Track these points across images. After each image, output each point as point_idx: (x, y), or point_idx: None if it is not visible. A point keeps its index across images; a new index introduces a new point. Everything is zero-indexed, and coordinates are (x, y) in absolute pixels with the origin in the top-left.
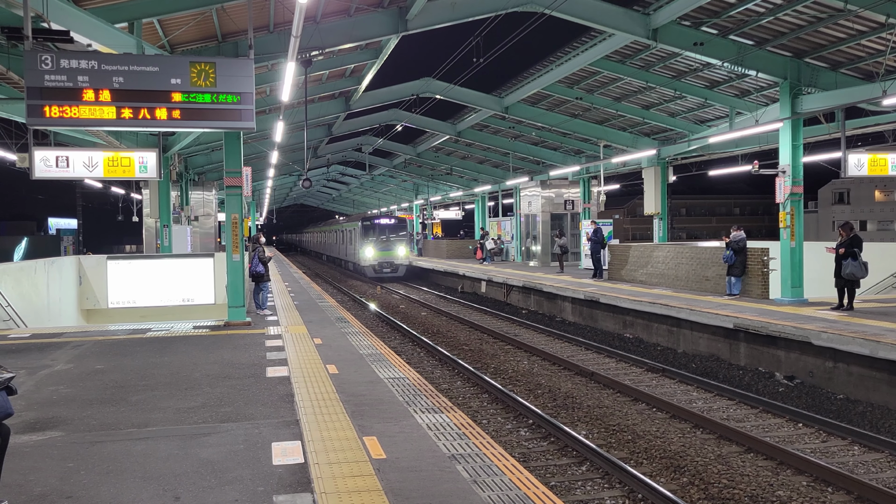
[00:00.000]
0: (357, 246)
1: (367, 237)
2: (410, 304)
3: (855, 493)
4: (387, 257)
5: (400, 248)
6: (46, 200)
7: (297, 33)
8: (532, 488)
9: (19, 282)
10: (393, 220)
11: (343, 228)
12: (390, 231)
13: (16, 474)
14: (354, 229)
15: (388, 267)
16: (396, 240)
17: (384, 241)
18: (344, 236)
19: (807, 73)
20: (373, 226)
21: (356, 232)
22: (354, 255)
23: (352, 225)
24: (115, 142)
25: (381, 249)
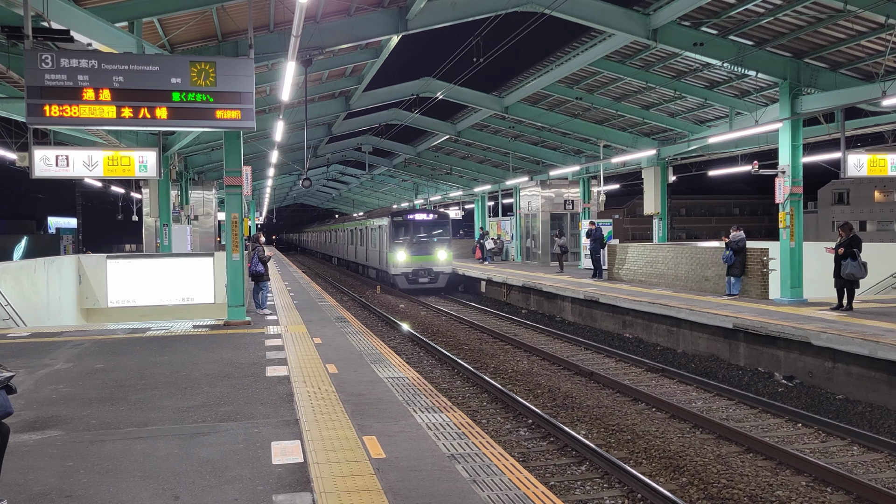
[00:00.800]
0: (384, 248)
1: (399, 237)
2: (410, 303)
3: (854, 494)
4: (424, 263)
5: (441, 252)
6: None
7: (298, 33)
8: (531, 488)
9: (19, 281)
10: (432, 215)
11: (363, 226)
12: (428, 229)
13: (15, 473)
14: (381, 227)
15: (425, 275)
16: (436, 240)
17: (421, 243)
18: (364, 236)
19: (806, 74)
20: (406, 222)
21: (383, 230)
22: (380, 259)
23: (377, 222)
24: (114, 141)
25: (416, 253)
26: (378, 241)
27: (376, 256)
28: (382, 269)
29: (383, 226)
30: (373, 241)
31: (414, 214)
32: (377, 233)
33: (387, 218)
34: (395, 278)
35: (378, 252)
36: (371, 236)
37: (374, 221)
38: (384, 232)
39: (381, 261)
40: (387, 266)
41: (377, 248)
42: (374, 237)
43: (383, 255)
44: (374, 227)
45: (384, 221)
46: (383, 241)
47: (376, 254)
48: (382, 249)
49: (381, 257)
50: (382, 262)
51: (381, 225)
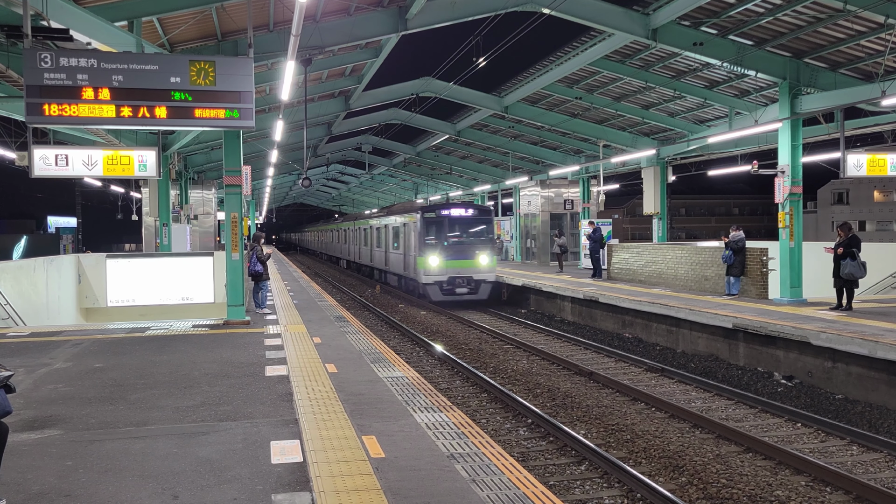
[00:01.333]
0: (412, 250)
1: (431, 237)
2: (409, 304)
3: (854, 494)
4: (462, 269)
5: (483, 255)
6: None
7: (297, 32)
8: (531, 487)
9: (18, 280)
10: (471, 209)
11: (381, 225)
12: (468, 227)
13: (14, 472)
14: (407, 226)
15: (463, 284)
16: (478, 240)
17: (459, 244)
18: (383, 236)
19: (806, 74)
20: (440, 219)
21: (411, 229)
22: (405, 264)
23: (401, 219)
24: (114, 140)
25: (453, 256)
26: (403, 243)
27: (400, 261)
28: (409, 277)
29: (410, 224)
30: (395, 241)
31: (450, 209)
32: (402, 232)
33: (415, 214)
34: (425, 288)
35: (403, 256)
36: (393, 236)
37: (396, 219)
38: (411, 231)
39: (406, 266)
40: (415, 273)
41: (401, 250)
42: (396, 237)
43: (410, 259)
44: (398, 226)
45: (412, 218)
46: (410, 241)
47: (400, 258)
48: (409, 252)
49: (406, 262)
50: (409, 268)
51: (408, 223)
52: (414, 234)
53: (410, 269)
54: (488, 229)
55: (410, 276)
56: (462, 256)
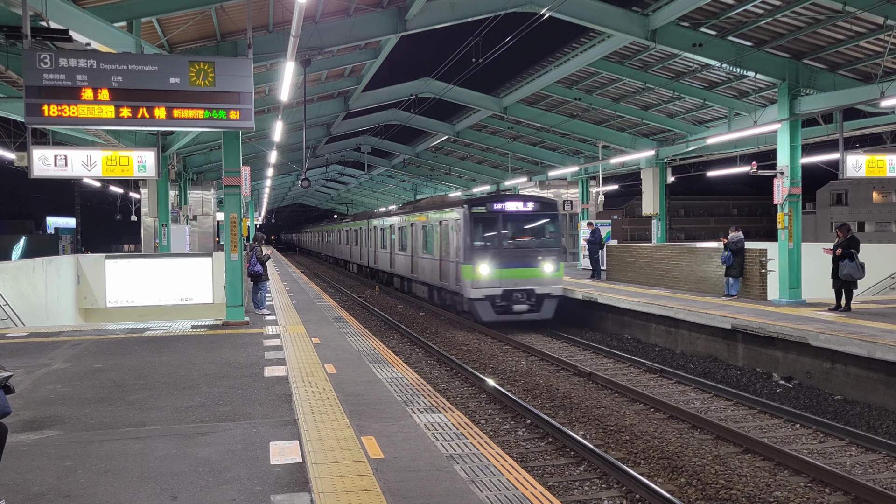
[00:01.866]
0: (454, 256)
1: (481, 239)
2: (408, 304)
3: (852, 494)
4: (521, 280)
5: (547, 263)
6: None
7: (296, 33)
8: (530, 488)
9: (17, 281)
10: (532, 203)
11: (406, 224)
12: (528, 225)
13: (13, 473)
14: (447, 225)
15: (522, 299)
16: (541, 243)
17: (518, 248)
18: (410, 238)
19: (805, 75)
20: (493, 216)
21: (452, 230)
22: (444, 272)
23: (437, 216)
24: (113, 141)
25: (509, 264)
26: (439, 245)
27: (432, 268)
28: (447, 289)
29: (451, 222)
30: (427, 244)
31: (504, 203)
32: (436, 232)
33: (458, 210)
34: (472, 304)
35: (438, 262)
36: (423, 238)
37: (428, 216)
38: (452, 231)
39: (444, 275)
40: (457, 284)
41: (436, 254)
42: (428, 239)
43: (449, 266)
44: (431, 225)
45: (453, 215)
46: (450, 244)
47: (432, 265)
48: (448, 258)
49: (444, 270)
50: (447, 278)
51: (446, 221)
52: (456, 234)
53: (450, 278)
54: (554, 228)
55: (450, 287)
56: (521, 264)
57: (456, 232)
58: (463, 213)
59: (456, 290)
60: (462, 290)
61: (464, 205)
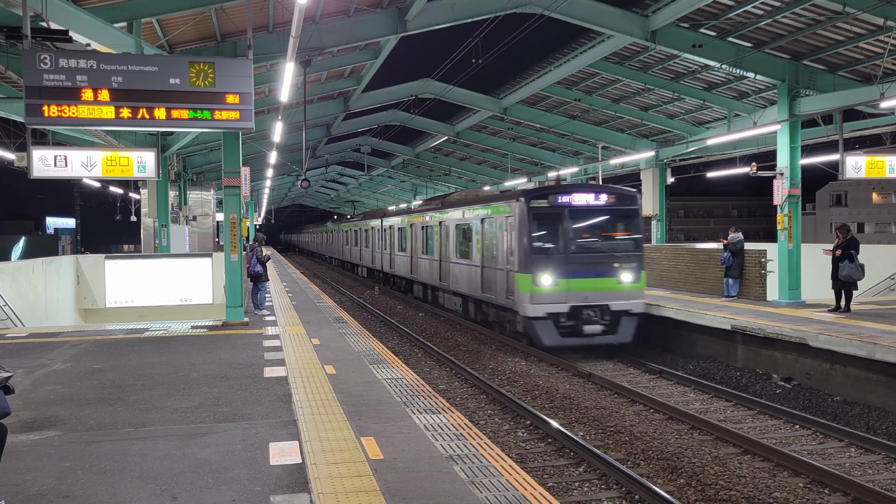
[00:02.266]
0: (506, 262)
1: (542, 240)
2: (408, 305)
3: (852, 495)
4: (595, 294)
5: (627, 272)
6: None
7: (296, 34)
8: (529, 489)
9: (17, 281)
10: (606, 195)
11: (435, 223)
12: (603, 224)
13: (13, 474)
14: (495, 222)
15: (595, 317)
16: (619, 248)
17: (589, 252)
18: (438, 239)
19: (805, 76)
20: (558, 211)
21: (503, 228)
22: (488, 283)
23: (481, 212)
24: (113, 141)
25: (580, 273)
26: (482, 249)
27: (474, 278)
28: (497, 304)
29: (501, 219)
30: (464, 247)
31: (572, 195)
32: (479, 233)
33: (513, 204)
34: (532, 325)
35: (481, 270)
36: (458, 240)
37: (468, 213)
38: (503, 231)
39: (491, 286)
40: (509, 298)
41: (476, 260)
42: (466, 241)
43: (498, 276)
44: (470, 224)
45: (504, 210)
46: (500, 248)
47: (474, 274)
48: (497, 265)
49: (490, 280)
50: (495, 290)
51: (494, 218)
52: (508, 235)
53: (496, 290)
54: (635, 226)
55: (497, 302)
56: (593, 272)
57: (507, 232)
58: (518, 209)
59: (505, 305)
60: (516, 305)
61: (519, 198)
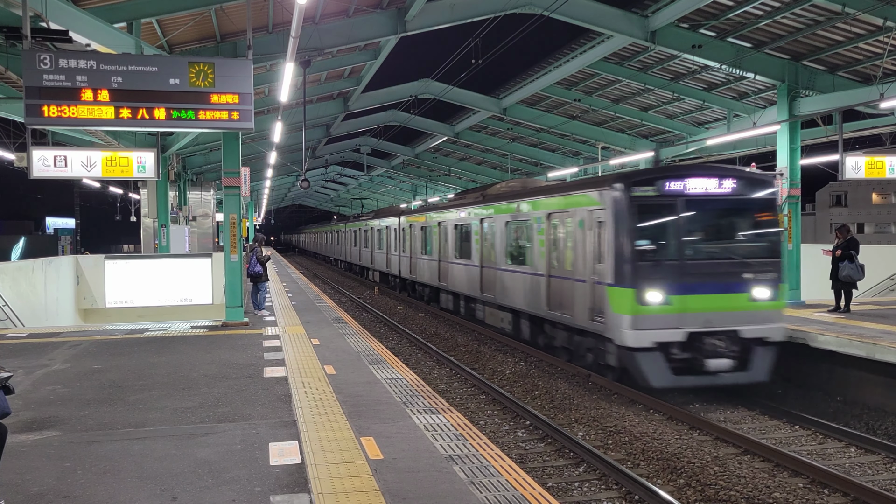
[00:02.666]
0: (593, 272)
1: (645, 244)
2: (408, 305)
3: (851, 496)
4: (719, 315)
5: (762, 287)
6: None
7: (296, 34)
8: (529, 489)
9: (17, 281)
10: (733, 181)
11: (476, 219)
12: (728, 221)
13: (13, 474)
14: (578, 218)
15: (723, 349)
16: (752, 254)
17: (713, 262)
18: (486, 239)
19: (805, 76)
20: (670, 202)
21: (590, 225)
22: (568, 297)
23: (557, 203)
24: (113, 141)
25: (698, 288)
26: (559, 254)
27: (537, 290)
28: (576, 326)
29: (583, 216)
30: (528, 252)
31: (685, 180)
32: (549, 233)
33: (604, 194)
34: (635, 359)
35: (546, 281)
36: (511, 242)
37: (536, 205)
38: (589, 231)
39: (568, 303)
40: (603, 321)
41: (544, 269)
42: (528, 244)
43: (581, 291)
44: (533, 221)
45: (591, 203)
46: (583, 252)
47: (537, 285)
48: (576, 275)
49: (569, 296)
50: (575, 308)
51: (578, 213)
52: (595, 234)
53: (575, 308)
54: (771, 223)
55: (576, 323)
56: (718, 287)
57: (592, 231)
58: (613, 200)
59: (588, 328)
60: (607, 330)
61: (614, 184)
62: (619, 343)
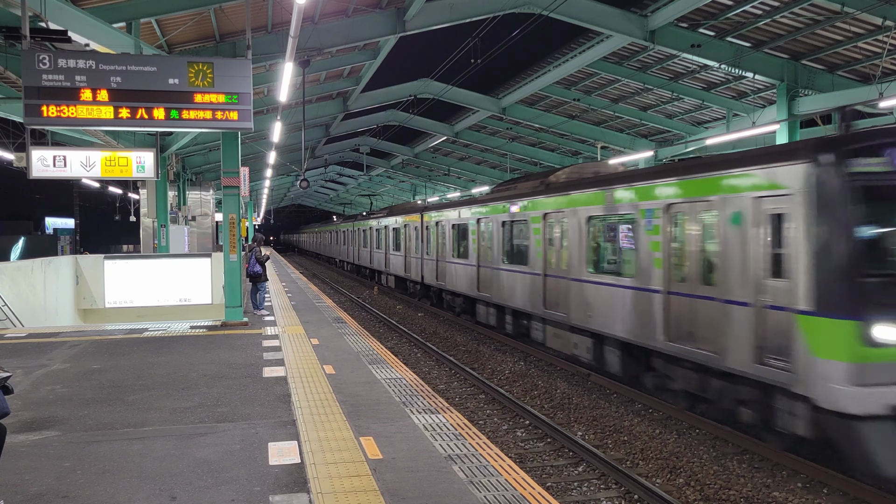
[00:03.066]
0: (771, 294)
1: (868, 247)
2: (407, 305)
3: (851, 495)
4: None
5: None
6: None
7: (296, 34)
8: (528, 489)
9: (16, 281)
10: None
11: (544, 214)
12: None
13: (12, 474)
14: (732, 206)
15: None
16: None
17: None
18: (548, 241)
19: (804, 76)
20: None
21: (756, 217)
22: (719, 331)
23: (699, 189)
24: (112, 141)
25: None
26: (690, 262)
27: (652, 312)
28: (735, 370)
29: (748, 206)
30: (634, 259)
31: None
32: (685, 232)
33: (792, 171)
34: (856, 432)
35: (674, 303)
36: (612, 244)
37: (647, 193)
38: (754, 228)
39: (717, 336)
40: (791, 368)
41: (663, 285)
42: (638, 246)
43: (742, 319)
44: (641, 216)
45: (769, 185)
46: (741, 260)
47: (651, 307)
48: (734, 295)
49: (717, 326)
50: (731, 345)
51: (731, 203)
52: (770, 235)
53: (728, 345)
54: None
55: (732, 366)
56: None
57: (766, 228)
58: (815, 180)
59: (758, 376)
60: (805, 384)
61: (816, 154)
62: (825, 404)
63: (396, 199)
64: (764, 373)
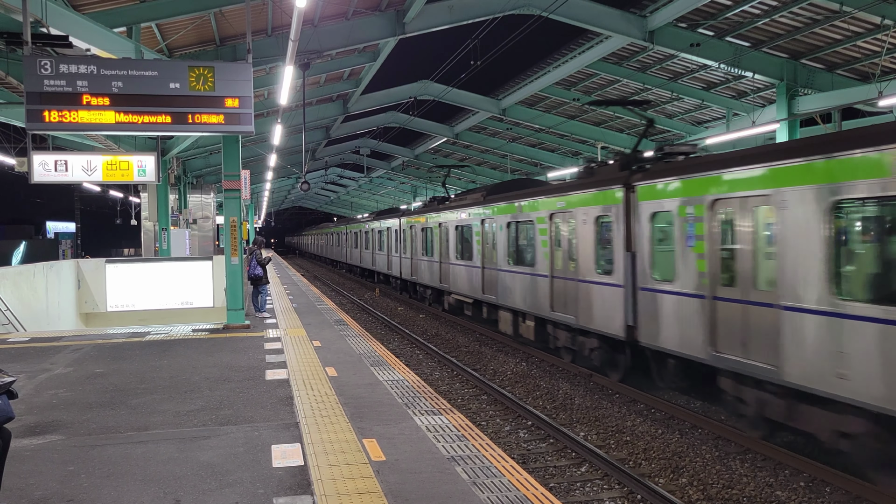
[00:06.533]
0: None
1: None
2: (409, 306)
3: (853, 494)
4: None
5: None
6: (45, 204)
7: (296, 37)
8: (531, 489)
9: (18, 286)
10: None
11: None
12: None
13: (16, 478)
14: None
15: None
16: None
17: None
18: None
19: (803, 75)
20: None
21: None
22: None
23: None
24: (113, 145)
25: None
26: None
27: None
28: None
29: None
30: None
31: None
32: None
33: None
34: None
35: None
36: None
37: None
38: None
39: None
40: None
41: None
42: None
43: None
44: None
45: None
46: None
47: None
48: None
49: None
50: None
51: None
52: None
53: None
54: None
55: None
56: None
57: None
58: None
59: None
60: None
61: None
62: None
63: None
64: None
